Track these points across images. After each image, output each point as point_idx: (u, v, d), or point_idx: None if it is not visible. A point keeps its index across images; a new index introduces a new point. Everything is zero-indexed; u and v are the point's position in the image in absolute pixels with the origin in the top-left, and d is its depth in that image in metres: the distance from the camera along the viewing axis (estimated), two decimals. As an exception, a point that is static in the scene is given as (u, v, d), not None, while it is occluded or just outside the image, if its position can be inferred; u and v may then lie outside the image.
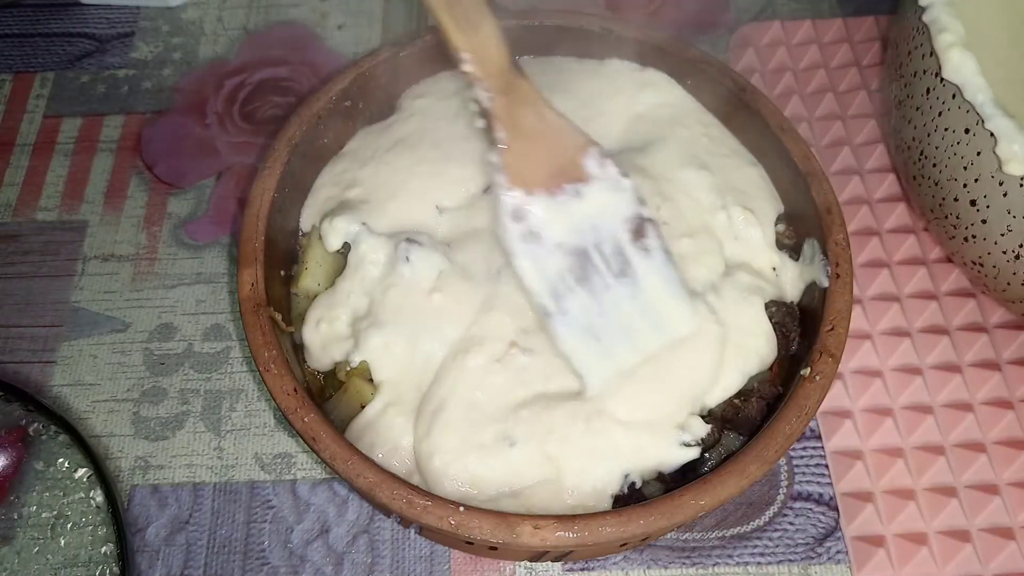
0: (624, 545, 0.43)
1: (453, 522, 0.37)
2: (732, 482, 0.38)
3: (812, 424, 0.52)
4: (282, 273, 0.48)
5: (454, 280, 0.45)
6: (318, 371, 0.47)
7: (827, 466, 0.51)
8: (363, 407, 0.44)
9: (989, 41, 0.50)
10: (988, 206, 0.45)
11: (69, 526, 0.44)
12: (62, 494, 0.44)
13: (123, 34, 0.70)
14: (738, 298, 0.45)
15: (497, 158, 0.41)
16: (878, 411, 0.52)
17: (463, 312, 0.45)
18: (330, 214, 0.48)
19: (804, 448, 0.52)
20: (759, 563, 0.48)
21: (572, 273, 0.41)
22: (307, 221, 0.50)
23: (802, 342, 0.46)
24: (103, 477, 0.44)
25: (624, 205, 0.42)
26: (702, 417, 0.43)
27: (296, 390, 0.41)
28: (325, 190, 0.51)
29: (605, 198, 0.42)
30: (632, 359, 0.42)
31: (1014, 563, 0.47)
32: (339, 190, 0.50)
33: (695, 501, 0.38)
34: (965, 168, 0.45)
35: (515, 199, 0.41)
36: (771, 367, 0.46)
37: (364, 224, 0.47)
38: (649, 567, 0.48)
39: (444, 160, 0.50)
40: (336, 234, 0.47)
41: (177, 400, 0.54)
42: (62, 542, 0.44)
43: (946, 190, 0.47)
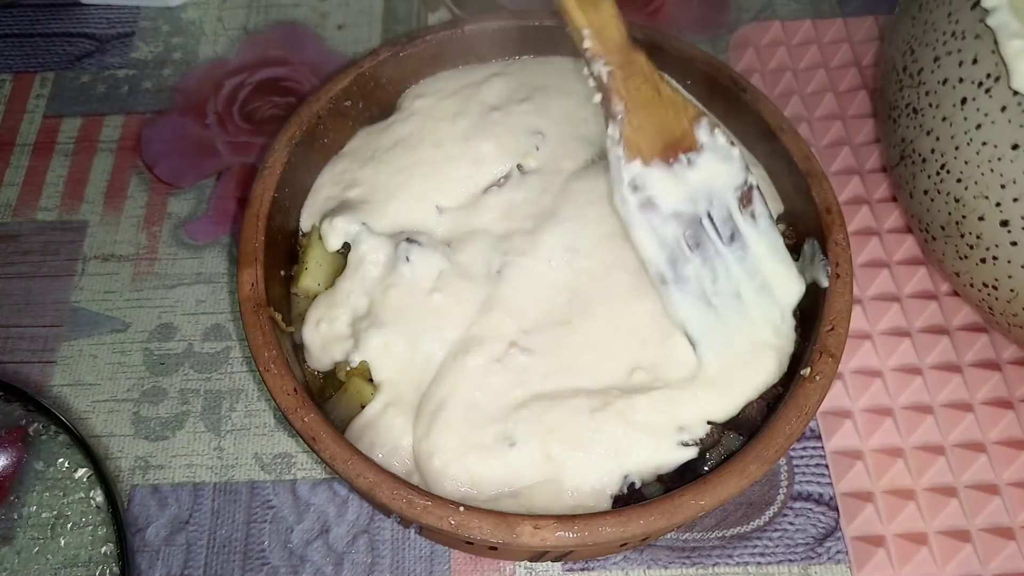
0: (624, 545, 0.43)
1: (453, 522, 0.37)
2: (732, 482, 0.38)
3: (812, 424, 0.52)
4: (282, 273, 0.48)
5: (454, 280, 0.45)
6: (318, 371, 0.47)
7: (827, 466, 0.51)
8: (363, 407, 0.44)
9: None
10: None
11: (69, 526, 0.44)
12: (62, 494, 0.44)
13: (123, 34, 0.70)
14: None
15: (615, 130, 0.42)
16: (878, 411, 0.52)
17: (463, 312, 0.45)
18: (330, 214, 0.48)
19: (804, 448, 0.52)
20: (759, 563, 0.48)
21: (687, 241, 0.43)
22: (307, 221, 0.50)
23: (802, 342, 0.46)
24: (103, 477, 0.44)
25: (733, 173, 0.44)
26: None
27: (296, 390, 0.41)
28: (325, 190, 0.51)
29: (715, 167, 0.43)
30: (743, 328, 0.44)
31: (1014, 563, 0.47)
32: (339, 190, 0.50)
33: (695, 501, 0.38)
34: (1003, 186, 0.41)
35: (634, 170, 0.42)
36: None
37: (364, 224, 0.47)
38: (649, 567, 0.48)
39: (444, 160, 0.50)
40: (336, 234, 0.47)
41: (177, 400, 0.54)
42: (62, 542, 0.44)
43: (970, 207, 0.44)
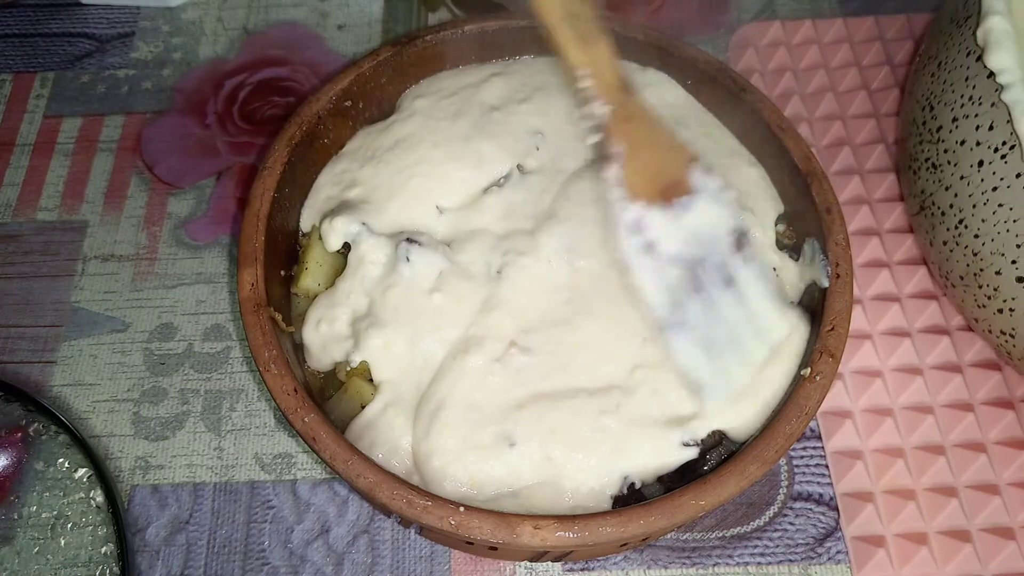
0: (624, 545, 0.43)
1: (453, 522, 0.37)
2: (732, 482, 0.38)
3: (812, 424, 0.52)
4: (282, 273, 0.48)
5: (454, 280, 0.45)
6: (318, 371, 0.47)
7: (827, 466, 0.51)
8: (363, 407, 0.44)
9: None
10: None
11: (69, 526, 0.44)
12: (62, 494, 0.44)
13: (123, 34, 0.70)
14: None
15: (614, 172, 0.41)
16: (878, 411, 0.52)
17: (463, 312, 0.45)
18: (330, 214, 0.48)
19: (804, 448, 0.52)
20: (759, 563, 0.48)
21: (687, 285, 0.42)
22: (307, 221, 0.50)
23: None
24: (103, 477, 0.44)
25: (727, 216, 0.42)
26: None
27: (296, 390, 0.41)
28: (325, 190, 0.51)
29: (710, 210, 0.42)
30: (745, 376, 0.42)
31: (1014, 563, 0.47)
32: (339, 190, 0.50)
33: (695, 501, 0.38)
34: (1019, 246, 0.42)
35: (635, 212, 0.41)
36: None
37: (364, 224, 0.47)
38: (649, 567, 0.48)
39: (444, 160, 0.50)
40: (336, 234, 0.47)
41: (177, 400, 0.54)
42: (62, 542, 0.44)
43: (987, 262, 0.44)
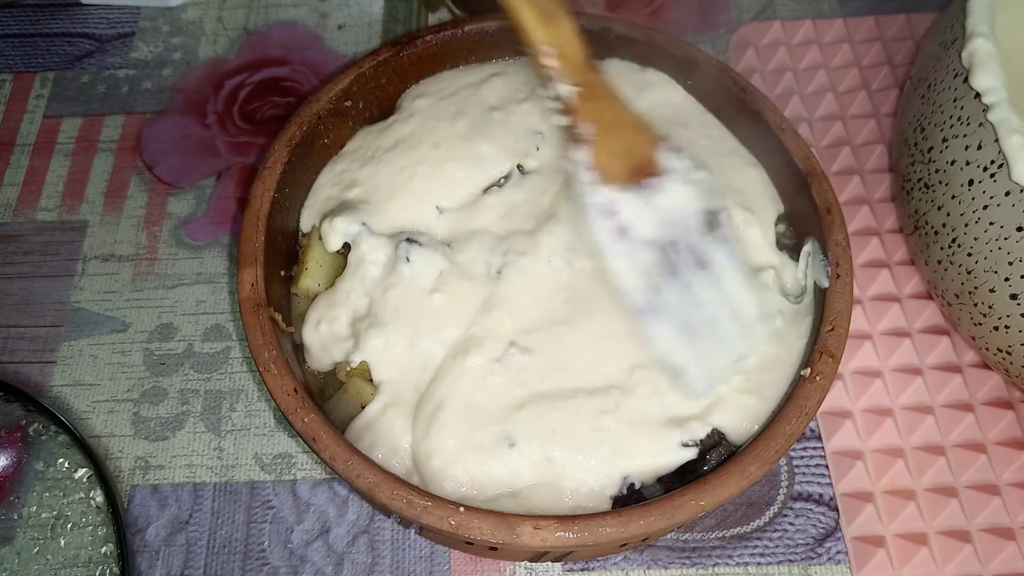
0: (624, 545, 0.43)
1: (453, 522, 0.37)
2: (732, 483, 0.38)
3: (812, 424, 0.52)
4: (282, 273, 0.48)
5: (454, 280, 0.45)
6: (318, 371, 0.47)
7: (827, 466, 0.51)
8: (363, 407, 0.44)
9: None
10: None
11: (69, 526, 0.44)
12: (62, 494, 0.44)
13: (123, 34, 0.70)
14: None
15: (583, 154, 0.40)
16: (878, 411, 0.52)
17: (463, 312, 0.45)
18: (330, 214, 0.48)
19: (804, 448, 0.52)
20: (759, 563, 0.48)
21: (661, 268, 0.40)
22: (307, 221, 0.50)
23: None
24: (103, 477, 0.44)
25: (699, 197, 0.41)
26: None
27: (296, 390, 0.41)
28: (325, 190, 0.51)
29: (682, 191, 0.41)
30: (724, 360, 0.42)
31: (1014, 563, 0.47)
32: (339, 190, 0.50)
33: (695, 501, 0.38)
34: (1011, 263, 0.42)
35: (606, 195, 0.40)
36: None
37: (364, 224, 0.47)
38: (649, 567, 0.48)
39: (444, 160, 0.50)
40: (336, 234, 0.47)
41: (177, 400, 0.54)
42: (62, 542, 0.44)
43: (981, 280, 0.45)
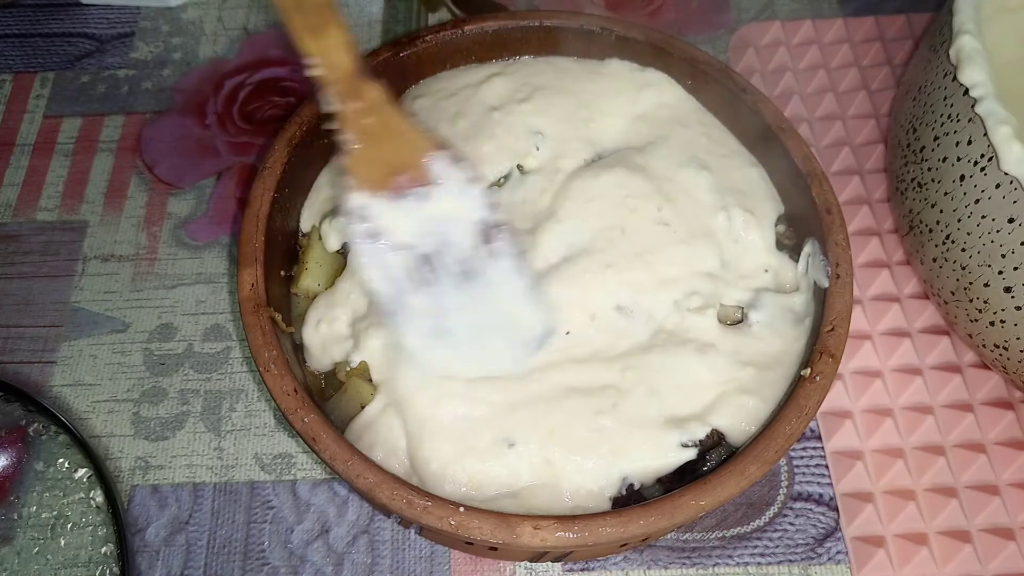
0: (624, 545, 0.43)
1: (453, 523, 0.37)
2: (732, 483, 0.38)
3: (812, 424, 0.52)
4: (282, 273, 0.48)
5: (453, 280, 0.45)
6: (318, 371, 0.47)
7: (827, 466, 0.51)
8: (363, 407, 0.44)
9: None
10: None
11: (69, 526, 0.44)
12: (62, 494, 0.44)
13: (123, 34, 0.70)
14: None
15: (345, 161, 0.41)
16: (878, 411, 0.52)
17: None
18: (330, 214, 0.48)
19: (804, 448, 0.52)
20: (759, 563, 0.48)
21: (417, 274, 0.42)
22: (307, 221, 0.50)
23: (802, 342, 0.46)
24: (103, 477, 0.44)
25: (472, 209, 0.42)
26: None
27: (296, 390, 0.41)
28: (325, 190, 0.51)
29: (453, 202, 0.42)
30: (476, 363, 0.43)
31: (1014, 563, 0.47)
32: (339, 190, 0.50)
33: (695, 502, 0.38)
34: (1003, 256, 0.43)
35: (359, 199, 0.41)
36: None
37: (364, 224, 0.47)
38: (649, 567, 0.48)
39: (443, 160, 0.50)
40: (336, 234, 0.47)
41: (177, 400, 0.54)
42: (62, 542, 0.44)
43: (975, 275, 0.45)
